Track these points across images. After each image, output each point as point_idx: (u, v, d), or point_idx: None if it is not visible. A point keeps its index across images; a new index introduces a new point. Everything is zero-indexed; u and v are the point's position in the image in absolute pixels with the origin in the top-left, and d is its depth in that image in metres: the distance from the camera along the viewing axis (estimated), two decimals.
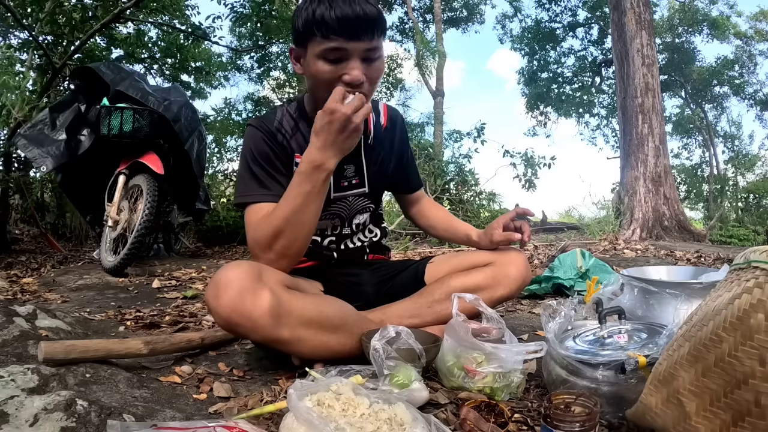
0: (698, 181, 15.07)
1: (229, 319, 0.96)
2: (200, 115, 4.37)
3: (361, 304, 1.24)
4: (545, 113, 17.21)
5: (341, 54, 1.02)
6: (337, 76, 1.04)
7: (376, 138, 1.29)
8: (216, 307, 0.96)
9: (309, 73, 1.09)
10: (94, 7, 5.10)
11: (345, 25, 0.99)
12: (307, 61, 1.08)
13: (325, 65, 1.04)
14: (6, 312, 1.22)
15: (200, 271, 3.03)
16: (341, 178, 1.25)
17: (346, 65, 1.03)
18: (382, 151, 1.31)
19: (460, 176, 7.42)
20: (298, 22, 1.04)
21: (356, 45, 1.02)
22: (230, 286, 0.95)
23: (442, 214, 1.51)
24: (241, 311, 0.94)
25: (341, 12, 0.98)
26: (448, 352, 1.02)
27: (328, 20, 0.99)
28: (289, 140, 1.20)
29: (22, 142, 3.20)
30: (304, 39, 1.05)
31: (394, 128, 1.35)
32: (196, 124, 3.40)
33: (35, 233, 5.16)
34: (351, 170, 1.27)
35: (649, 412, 0.73)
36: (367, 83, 1.07)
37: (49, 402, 0.78)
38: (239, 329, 0.98)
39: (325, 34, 1.00)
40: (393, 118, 1.36)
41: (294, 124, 1.22)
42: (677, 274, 1.32)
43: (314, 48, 1.04)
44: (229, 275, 0.96)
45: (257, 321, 0.96)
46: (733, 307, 0.63)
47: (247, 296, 0.95)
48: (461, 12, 14.94)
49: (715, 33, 15.01)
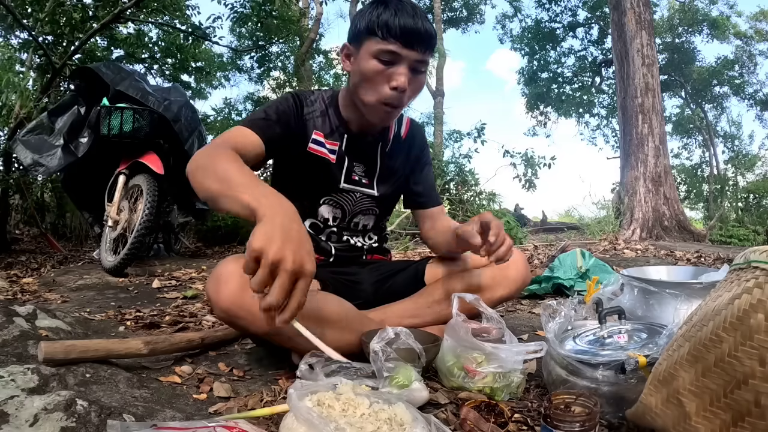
0: (698, 181, 15.08)
1: (230, 312, 0.96)
2: (200, 115, 4.37)
3: (360, 303, 1.24)
4: (545, 113, 17.24)
5: (394, 57, 1.10)
6: (384, 77, 1.11)
7: (393, 147, 1.34)
8: (216, 299, 0.96)
9: (358, 69, 1.14)
10: (94, 7, 5.10)
11: (404, 32, 1.08)
12: (358, 59, 1.14)
13: (377, 64, 1.10)
14: (6, 312, 1.22)
15: (200, 271, 3.03)
16: (352, 172, 1.29)
17: (396, 70, 1.10)
18: (397, 161, 1.35)
19: (460, 176, 7.41)
20: (361, 22, 1.12)
21: (409, 53, 1.10)
22: (231, 278, 0.95)
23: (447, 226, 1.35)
24: (241, 304, 0.95)
25: (404, 21, 1.08)
26: (448, 352, 1.02)
27: (390, 24, 1.08)
28: (315, 117, 1.26)
29: (20, 147, 3.18)
30: (362, 38, 1.12)
31: (413, 140, 1.39)
32: (196, 124, 3.40)
33: (35, 233, 5.16)
34: (362, 168, 1.31)
35: (649, 412, 0.73)
36: (408, 94, 1.14)
37: (49, 402, 0.78)
38: (239, 322, 0.98)
39: (385, 36, 1.08)
40: (413, 131, 1.41)
41: (324, 108, 1.28)
42: (677, 274, 1.32)
43: (370, 47, 1.11)
44: (229, 268, 0.97)
45: (257, 314, 0.96)
46: (733, 307, 0.63)
47: (247, 289, 0.95)
48: (461, 12, 14.95)
49: (715, 33, 15.02)
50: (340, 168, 1.27)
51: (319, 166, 1.26)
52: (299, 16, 8.69)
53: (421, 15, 1.11)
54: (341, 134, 1.27)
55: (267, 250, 0.73)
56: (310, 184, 1.27)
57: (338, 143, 1.27)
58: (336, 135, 1.27)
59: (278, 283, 0.73)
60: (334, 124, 1.27)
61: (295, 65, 9.66)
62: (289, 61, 9.78)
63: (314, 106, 1.27)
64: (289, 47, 9.16)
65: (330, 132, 1.27)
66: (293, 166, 1.27)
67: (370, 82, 1.13)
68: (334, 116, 1.27)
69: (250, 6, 6.51)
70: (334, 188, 1.28)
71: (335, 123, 1.27)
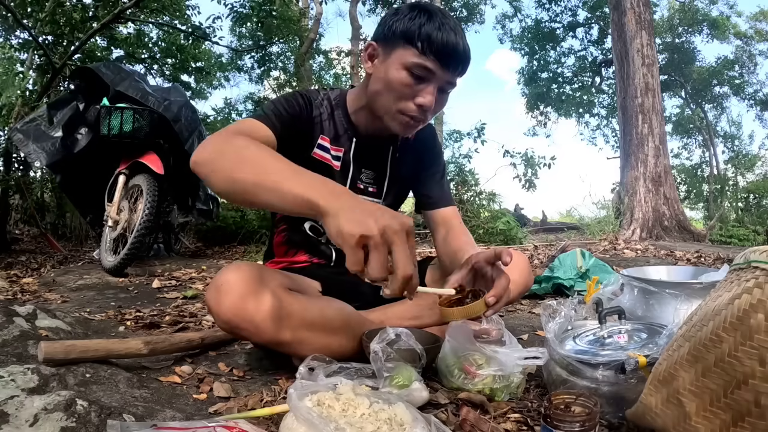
0: (698, 181, 15.09)
1: (231, 323, 0.95)
2: (200, 115, 4.37)
3: (360, 304, 1.24)
4: (545, 113, 17.23)
5: (427, 75, 1.03)
6: (411, 92, 1.05)
7: (403, 152, 1.30)
8: (217, 311, 0.95)
9: (383, 77, 1.07)
10: (94, 7, 5.10)
11: (446, 50, 1.01)
12: (386, 65, 1.06)
13: (408, 77, 1.04)
14: (6, 312, 1.22)
15: (200, 271, 3.03)
16: (357, 180, 1.25)
17: (425, 87, 1.04)
18: (407, 166, 1.31)
19: (460, 176, 7.42)
20: (398, 26, 1.04)
21: (443, 73, 1.04)
22: (231, 289, 0.94)
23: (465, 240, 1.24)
24: (242, 315, 0.94)
25: (447, 38, 1.01)
26: (450, 354, 1.02)
27: (433, 39, 1.01)
28: (323, 120, 1.21)
29: (18, 136, 3.20)
30: (396, 44, 1.04)
31: (422, 142, 1.34)
32: (196, 124, 3.40)
33: (35, 233, 5.16)
34: (370, 176, 1.27)
35: (649, 412, 0.73)
36: (432, 111, 1.08)
37: (49, 402, 0.78)
38: (241, 332, 0.98)
39: (424, 51, 1.01)
40: (422, 132, 1.33)
41: (330, 110, 1.22)
42: (677, 274, 1.32)
43: (404, 57, 1.03)
44: (229, 278, 0.96)
45: (259, 324, 0.95)
46: (733, 307, 0.63)
47: (248, 299, 0.94)
48: (461, 12, 14.93)
49: (715, 33, 15.02)
50: (345, 176, 1.22)
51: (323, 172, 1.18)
52: (299, 16, 8.69)
53: (463, 34, 1.04)
54: (349, 138, 1.22)
55: (369, 230, 0.69)
56: None
57: (344, 149, 1.22)
58: (343, 140, 1.22)
59: (400, 249, 0.70)
60: (342, 128, 1.21)
61: (295, 65, 9.66)
62: (289, 61, 9.79)
63: (321, 108, 1.21)
64: (289, 47, 9.16)
65: (336, 136, 1.21)
66: None
67: (394, 93, 1.06)
68: (342, 119, 1.22)
69: (250, 6, 6.51)
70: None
71: (343, 127, 1.21)
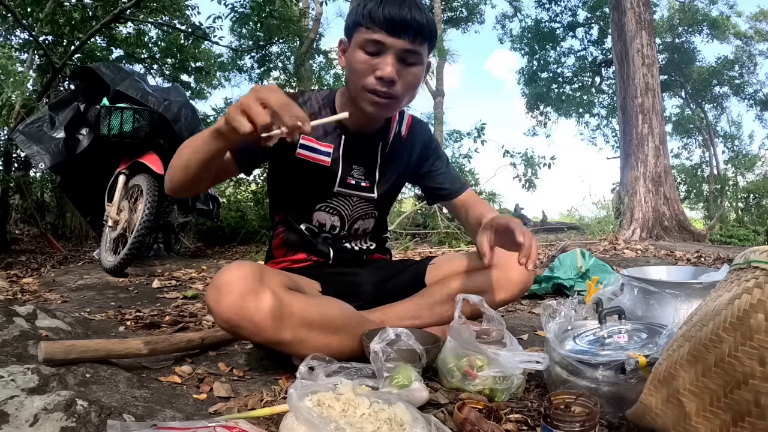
0: (698, 181, 15.08)
1: (231, 322, 0.96)
2: (200, 115, 4.37)
3: (360, 303, 1.24)
4: (545, 113, 17.21)
5: (379, 48, 1.06)
6: (370, 68, 1.08)
7: (394, 147, 1.29)
8: (218, 310, 0.96)
9: (348, 63, 1.13)
10: (94, 7, 5.10)
11: (389, 20, 1.05)
12: (349, 53, 1.12)
13: (362, 55, 1.08)
14: (6, 312, 1.22)
15: (200, 271, 3.03)
16: (348, 176, 1.25)
17: (382, 60, 1.07)
18: (398, 161, 1.31)
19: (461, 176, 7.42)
20: (352, 16, 1.11)
21: (394, 41, 1.06)
22: (231, 288, 0.95)
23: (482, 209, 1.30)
24: (242, 314, 0.94)
25: (389, 10, 1.05)
26: (450, 354, 1.02)
27: (374, 14, 1.05)
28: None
29: (20, 138, 3.20)
30: (353, 31, 1.11)
31: (414, 138, 1.34)
32: (196, 124, 3.40)
33: (35, 233, 5.16)
34: (361, 171, 1.27)
35: (649, 412, 0.73)
36: (400, 86, 1.09)
37: (49, 402, 0.78)
38: (241, 332, 0.98)
39: (369, 26, 1.06)
40: (414, 128, 1.34)
41: (318, 110, 1.24)
42: (677, 274, 1.32)
43: (357, 38, 1.09)
44: (229, 277, 0.96)
45: (259, 324, 0.96)
46: (733, 307, 0.63)
47: (248, 299, 0.95)
48: (461, 12, 14.93)
49: (715, 33, 15.02)
50: (335, 171, 1.23)
51: (310, 171, 1.22)
52: (299, 16, 8.68)
53: (412, 4, 1.06)
54: (338, 135, 1.23)
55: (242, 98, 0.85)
56: (302, 189, 1.25)
57: (334, 145, 1.23)
58: (332, 136, 1.23)
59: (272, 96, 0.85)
60: (330, 126, 1.22)
61: (295, 65, 9.65)
62: (289, 61, 9.78)
63: (305, 107, 1.22)
64: (289, 47, 9.15)
65: (324, 134, 1.23)
66: (283, 171, 1.25)
67: (356, 73, 1.10)
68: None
69: (250, 6, 6.50)
70: (327, 193, 1.24)
71: (331, 125, 1.23)
